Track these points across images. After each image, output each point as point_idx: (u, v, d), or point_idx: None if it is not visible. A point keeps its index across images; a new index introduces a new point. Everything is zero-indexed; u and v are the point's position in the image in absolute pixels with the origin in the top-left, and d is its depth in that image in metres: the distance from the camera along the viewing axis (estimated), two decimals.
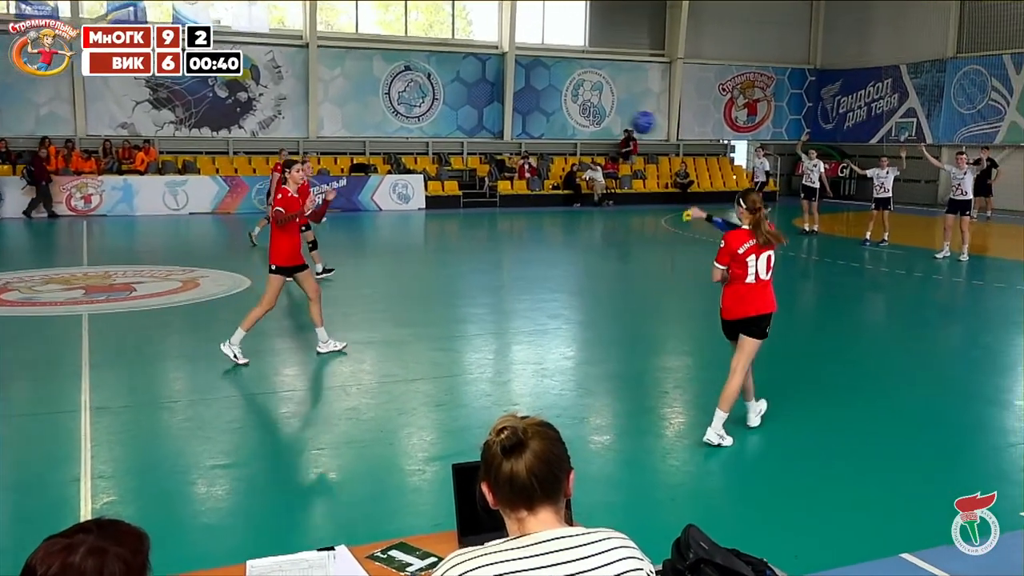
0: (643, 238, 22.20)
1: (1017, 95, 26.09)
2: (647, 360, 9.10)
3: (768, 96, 33.04)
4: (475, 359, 8.86)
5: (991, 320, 11.49)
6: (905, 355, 9.62)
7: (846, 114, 32.46)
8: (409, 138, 27.91)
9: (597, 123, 30.27)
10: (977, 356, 9.40)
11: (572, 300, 12.52)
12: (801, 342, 10.03)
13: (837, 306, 12.80)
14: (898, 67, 29.98)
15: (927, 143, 28.60)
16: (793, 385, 8.06)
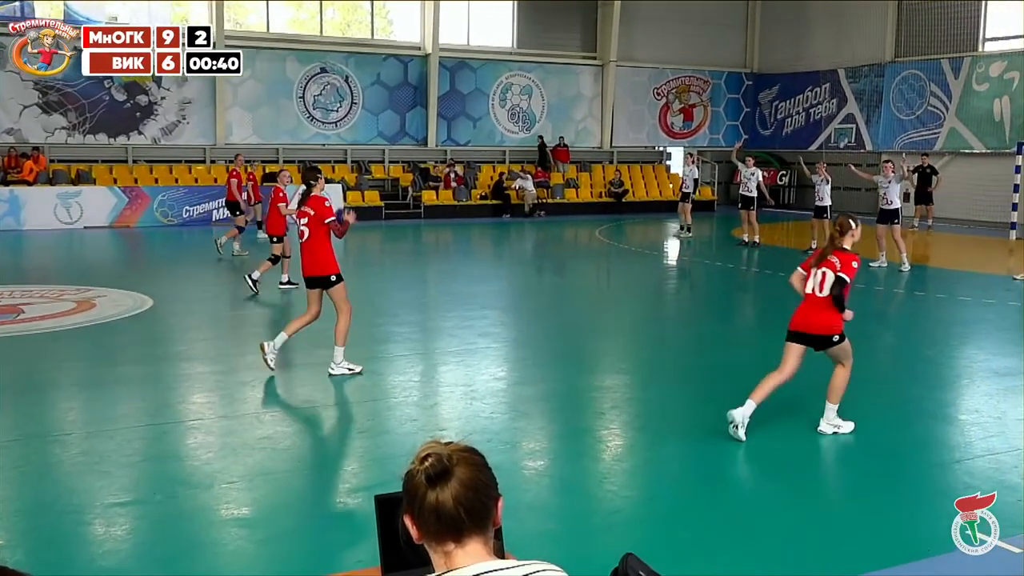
0: (577, 250, 22.39)
1: (956, 100, 27.09)
2: (583, 379, 9.16)
3: (704, 101, 33.71)
4: (399, 382, 8.81)
5: (933, 332, 11.87)
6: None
7: (784, 120, 33.30)
8: (326, 145, 27.71)
9: (527, 129, 30.50)
10: (920, 369, 9.69)
11: (503, 317, 12.55)
12: (738, 358, 10.22)
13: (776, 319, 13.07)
14: (836, 71, 30.89)
15: (866, 150, 29.58)
16: (732, 403, 8.21)
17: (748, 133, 34.53)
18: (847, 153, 28.87)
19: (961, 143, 26.99)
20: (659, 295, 15.22)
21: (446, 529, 1.93)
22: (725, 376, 9.19)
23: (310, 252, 8.56)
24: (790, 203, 31.70)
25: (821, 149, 31.07)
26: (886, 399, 8.51)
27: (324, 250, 8.54)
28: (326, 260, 8.55)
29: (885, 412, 8.05)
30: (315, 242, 8.52)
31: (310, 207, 8.54)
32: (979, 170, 25.78)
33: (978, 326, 12.12)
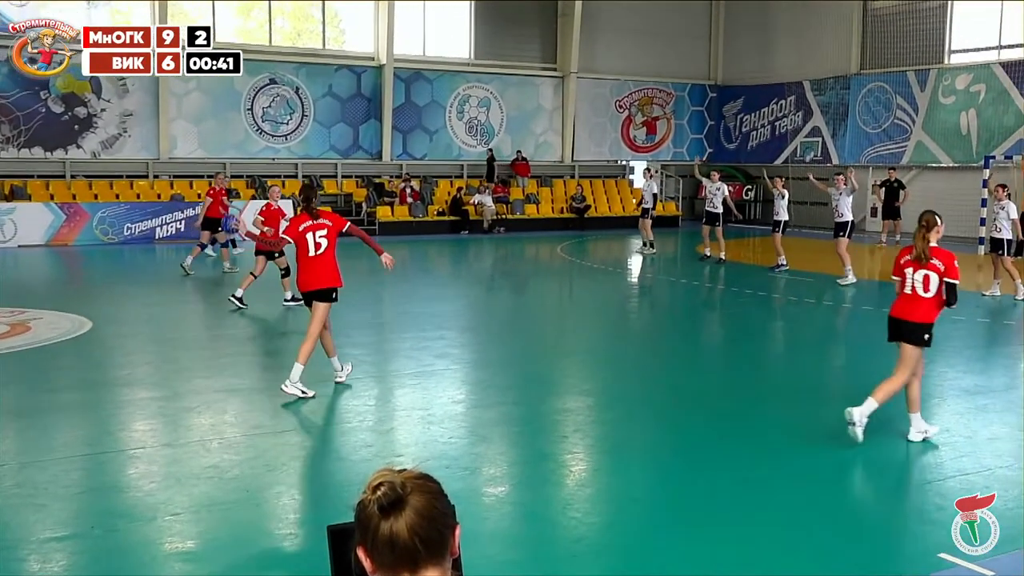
0: (538, 268, 22.45)
1: (923, 113, 27.63)
2: (545, 402, 9.16)
3: (668, 114, 34.05)
4: (353, 406, 8.75)
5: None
6: (815, 389, 9.97)
7: (749, 133, 33.72)
8: (276, 159, 27.58)
9: (485, 142, 30.58)
10: None
11: (462, 338, 12.53)
12: (702, 380, 10.28)
13: (739, 338, 13.20)
14: (802, 83, 31.37)
15: (833, 163, 30.02)
16: (696, 425, 8.25)
17: (712, 147, 34.95)
18: (813, 167, 29.25)
19: (928, 157, 27.50)
20: (622, 314, 15.28)
21: (401, 561, 1.92)
22: (689, 398, 9.25)
23: (322, 266, 8.89)
24: (756, 218, 32.03)
25: (787, 163, 31.50)
26: None
27: (335, 263, 8.98)
28: (336, 273, 8.98)
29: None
30: (329, 255, 8.93)
31: (326, 218, 8.95)
32: (946, 184, 26.26)
33: (947, 343, 12.30)
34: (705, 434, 7.95)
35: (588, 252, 24.67)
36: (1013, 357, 11.72)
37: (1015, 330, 13.46)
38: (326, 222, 8.94)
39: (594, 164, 32.91)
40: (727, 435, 7.91)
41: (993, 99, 25.72)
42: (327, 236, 8.92)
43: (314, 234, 8.91)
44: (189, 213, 24.08)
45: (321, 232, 8.91)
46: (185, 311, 14.22)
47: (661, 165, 32.29)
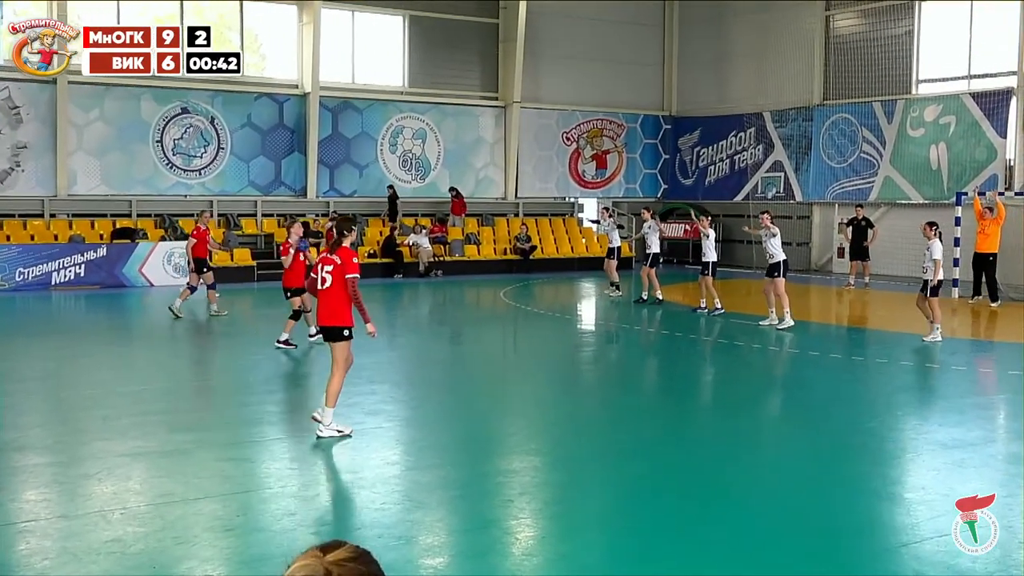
0: (479, 314, 22.46)
1: (890, 147, 28.34)
2: (487, 462, 9.13)
3: (619, 147, 34.51)
4: (275, 469, 8.64)
5: (874, 401, 12.22)
6: (778, 443, 10.08)
7: (707, 168, 34.28)
8: (188, 196, 27.36)
9: (421, 178, 30.68)
10: (861, 443, 9.96)
11: (395, 392, 12.46)
12: (654, 434, 10.34)
13: (692, 390, 13.32)
14: (762, 115, 32.04)
15: (796, 200, 30.63)
16: (650, 484, 8.28)
17: (668, 182, 35.46)
18: (775, 204, 29.83)
19: (897, 193, 28.17)
20: (572, 365, 15.34)
21: None
22: (643, 455, 9.29)
23: (327, 301, 9.49)
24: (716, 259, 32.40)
25: (748, 199, 32.03)
26: (828, 477, 8.70)
27: (342, 301, 9.43)
28: (343, 311, 9.47)
29: (827, 491, 8.23)
30: (336, 292, 9.42)
31: (338, 256, 9.47)
32: (916, 222, 26.83)
33: (922, 394, 12.55)
34: (660, 496, 7.97)
35: (534, 297, 24.76)
36: (988, 408, 11.98)
37: (981, 377, 13.75)
38: (335, 259, 9.45)
39: (540, 201, 33.16)
40: (684, 495, 7.95)
41: (964, 132, 26.47)
42: (331, 273, 9.43)
43: (322, 268, 9.53)
44: (90, 256, 23.76)
45: (327, 267, 9.46)
46: (85, 366, 13.94)
47: (612, 202, 32.63)
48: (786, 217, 29.25)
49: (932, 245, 16.13)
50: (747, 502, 7.95)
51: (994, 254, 21.97)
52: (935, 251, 16.07)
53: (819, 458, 9.39)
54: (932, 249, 16.10)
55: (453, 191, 30.30)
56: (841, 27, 30.21)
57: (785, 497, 8.10)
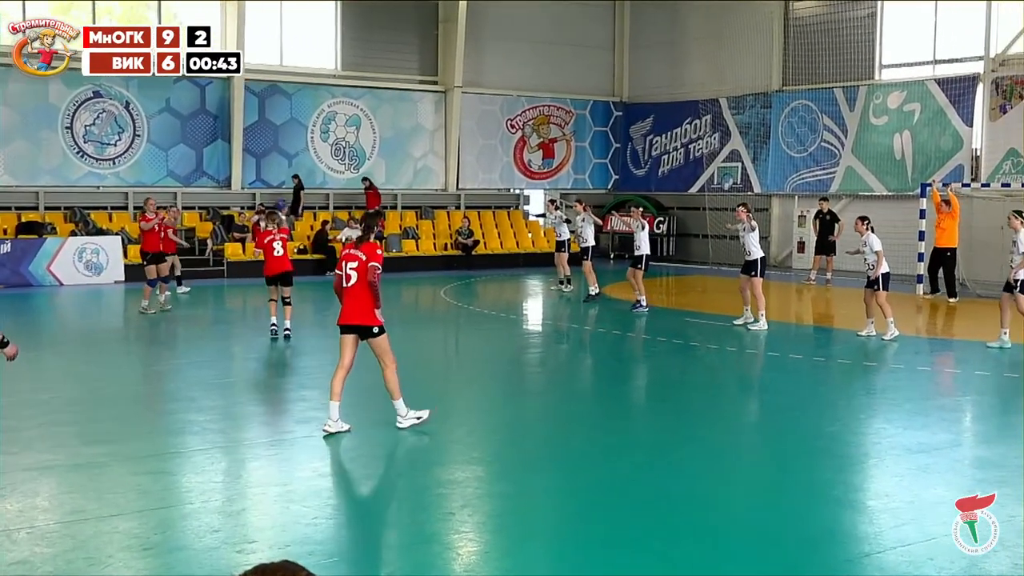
0: (418, 314, 22.41)
1: (852, 135, 28.75)
2: (427, 473, 9.12)
3: (567, 135, 34.63)
4: (197, 483, 8.56)
5: (835, 403, 12.40)
6: (729, 449, 10.19)
7: (660, 157, 34.52)
8: (101, 187, 27.02)
9: (355, 168, 30.55)
10: (823, 448, 10.10)
11: (326, 399, 12.38)
12: (607, 441, 10.40)
13: (648, 392, 13.41)
14: (718, 101, 32.32)
15: (754, 192, 30.95)
16: (600, 494, 8.33)
17: (619, 172, 35.66)
18: (732, 196, 30.11)
19: (859, 184, 28.58)
20: (517, 368, 15.37)
21: None
22: (594, 463, 9.33)
23: (354, 298, 9.78)
24: (670, 255, 32.70)
25: (703, 191, 32.32)
26: (788, 484, 8.81)
27: (368, 299, 9.76)
28: (370, 310, 9.83)
29: (787, 499, 8.33)
30: (361, 289, 9.74)
31: (363, 251, 9.79)
32: (880, 215, 27.15)
33: (886, 395, 12.75)
34: (613, 506, 8.02)
35: (476, 295, 24.76)
36: (953, 410, 12.21)
37: (947, 378, 14.02)
38: (359, 254, 9.80)
39: (483, 193, 33.18)
40: (638, 505, 8.00)
41: (929, 119, 26.93)
42: (356, 270, 9.78)
43: (346, 265, 9.87)
44: None
45: (351, 264, 9.81)
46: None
47: (560, 194, 32.73)
48: (726, 209, 29.47)
49: (868, 239, 16.53)
50: (703, 511, 8.02)
51: (952, 249, 22.40)
52: (874, 244, 16.43)
53: (779, 464, 9.50)
54: (870, 243, 16.46)
55: (366, 181, 30.02)
56: (801, 9, 30.57)
57: (743, 506, 8.18)
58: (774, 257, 30.91)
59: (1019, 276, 15.38)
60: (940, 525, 7.53)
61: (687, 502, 8.27)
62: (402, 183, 31.31)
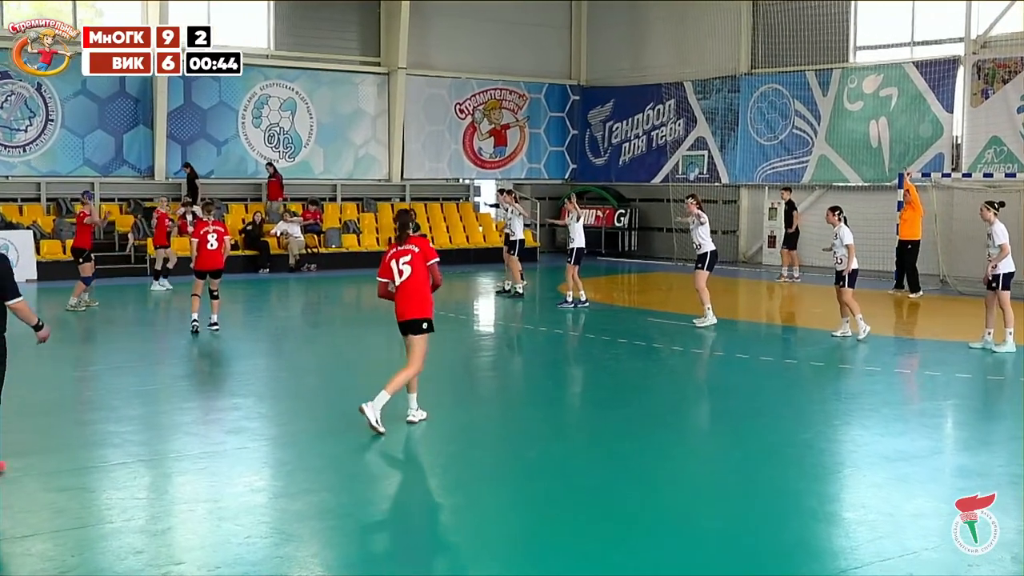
0: (360, 316, 22.33)
1: (826, 122, 29.01)
2: (369, 487, 9.10)
3: (520, 121, 34.68)
4: (117, 500, 8.48)
5: (809, 408, 12.51)
6: (695, 458, 10.25)
7: (621, 145, 34.66)
8: (10, 177, 26.72)
9: (290, 156, 30.40)
10: (796, 456, 10.18)
11: (261, 407, 12.33)
12: (561, 449, 10.43)
13: (605, 398, 13.46)
14: (682, 85, 32.51)
15: (722, 183, 31.15)
16: (556, 507, 8.35)
17: (577, 161, 35.77)
18: (698, 187, 30.29)
19: (833, 174, 28.84)
20: (468, 372, 15.35)
21: None
22: (548, 472, 9.35)
23: (410, 293, 10.38)
24: (631, 250, 32.85)
25: (667, 182, 32.48)
26: (759, 494, 8.86)
27: (425, 291, 10.44)
28: (427, 301, 10.57)
29: (758, 511, 8.39)
30: (417, 281, 10.40)
31: (414, 244, 10.46)
32: (855, 207, 27.39)
33: (861, 400, 12.87)
34: (571, 519, 8.04)
35: None
36: (934, 415, 12.35)
37: (926, 380, 14.18)
38: (412, 248, 10.48)
39: (430, 183, 33.15)
40: (598, 517, 8.02)
41: (907, 105, 27.22)
42: (411, 263, 10.38)
43: (397, 261, 10.44)
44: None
45: (404, 259, 10.41)
46: None
47: (514, 184, 32.78)
48: (710, 201, 29.62)
49: (840, 231, 16.72)
50: (667, 524, 8.06)
51: (914, 241, 22.86)
52: (845, 236, 16.62)
53: (749, 474, 9.56)
54: (841, 235, 16.65)
55: (270, 167, 29.47)
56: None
57: (711, 518, 8.23)
58: (743, 253, 31.15)
59: (998, 271, 15.55)
60: (921, 539, 7.63)
61: (650, 513, 8.30)
62: (342, 173, 31.18)
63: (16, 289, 8.85)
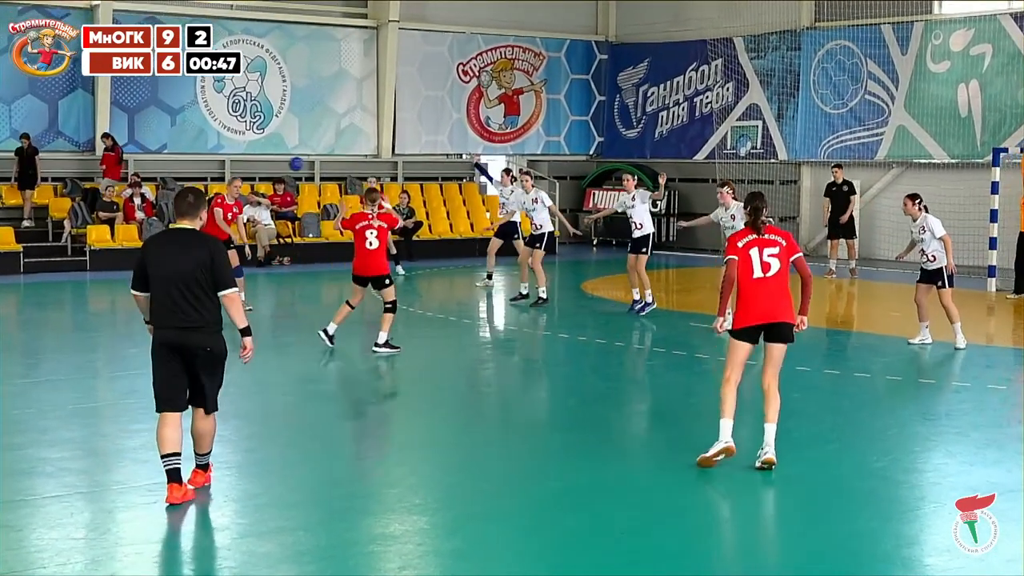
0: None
1: (905, 87, 28.89)
2: (356, 525, 9.09)
3: (536, 85, 34.62)
4: (50, 541, 8.49)
5: (884, 432, 12.47)
6: (747, 491, 10.24)
7: (658, 114, 34.57)
8: None
9: (258, 127, 30.40)
10: (869, 490, 10.14)
11: (224, 430, 12.25)
12: (580, 480, 10.42)
13: (637, 418, 13.45)
14: (731, 41, 32.41)
15: (779, 159, 31.03)
16: (583, 547, 8.35)
17: (604, 134, 35.69)
18: (751, 164, 30.23)
19: (914, 149, 28.74)
20: (472, 388, 15.34)
21: None
22: (566, 511, 9.33)
23: (775, 291, 10.64)
24: (671, 241, 32.69)
25: (712, 158, 32.38)
26: (824, 536, 8.84)
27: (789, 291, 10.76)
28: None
29: (824, 556, 8.36)
30: (783, 280, 10.68)
31: (779, 235, 10.81)
32: (941, 188, 27.31)
33: (946, 421, 12.84)
34: (590, 568, 8.03)
35: (419, 292, 24.71)
36: None
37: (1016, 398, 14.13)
38: (778, 239, 10.66)
39: (427, 160, 33.11)
40: (623, 568, 8.02)
41: (1003, 66, 27.12)
42: (778, 256, 10.58)
43: (760, 252, 10.57)
44: None
45: (771, 250, 10.56)
46: None
47: (528, 162, 32.74)
48: (766, 182, 29.60)
49: (927, 222, 16.63)
50: (713, 565, 8.04)
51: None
52: (936, 228, 16.42)
53: (813, 511, 9.53)
54: (931, 227, 16.44)
55: (108, 139, 28.09)
56: None
57: (768, 565, 8.20)
58: (805, 244, 31.04)
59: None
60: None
61: (690, 559, 8.28)
62: (321, 147, 31.18)
63: None
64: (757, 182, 21.95)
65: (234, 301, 9.32)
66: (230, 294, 9.25)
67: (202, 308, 9.18)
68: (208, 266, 9.08)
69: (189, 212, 9.28)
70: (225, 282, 9.20)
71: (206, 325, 9.26)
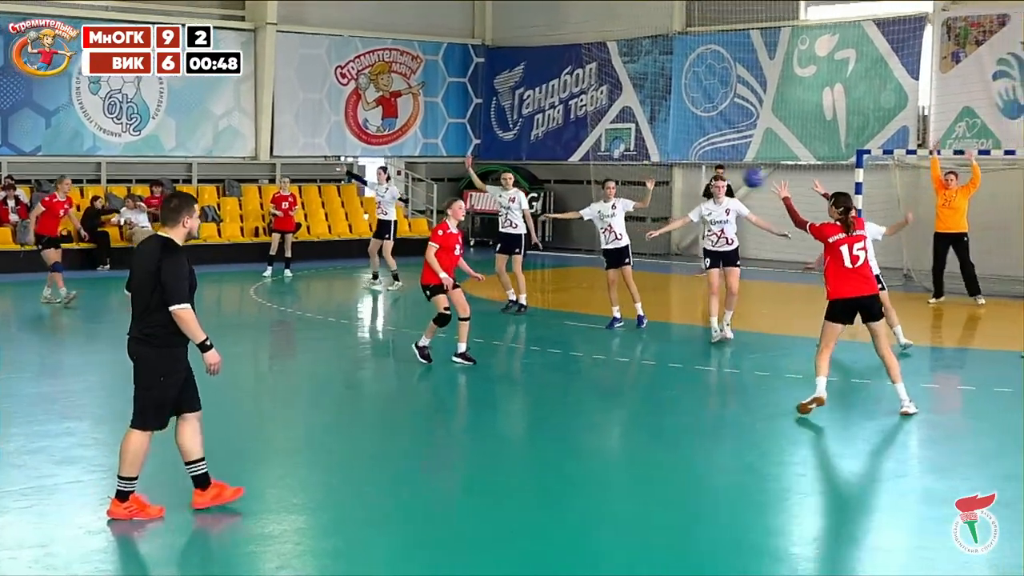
0: (220, 320, 22.12)
1: (773, 90, 29.35)
2: (234, 526, 9.02)
3: (414, 88, 34.60)
4: None
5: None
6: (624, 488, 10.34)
7: (533, 117, 34.72)
8: None
9: (135, 129, 30.00)
10: (737, 482, 10.31)
11: (98, 432, 12.19)
12: (464, 484, 10.46)
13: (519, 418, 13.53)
14: (605, 45, 32.67)
15: (652, 161, 31.34)
16: (455, 550, 8.38)
17: (482, 136, 35.75)
18: (625, 166, 30.49)
19: (781, 151, 29.23)
20: (352, 389, 15.32)
21: None
22: (450, 510, 9.36)
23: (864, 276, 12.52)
24: (546, 240, 32.76)
25: (587, 160, 32.59)
26: (695, 529, 8.95)
27: None
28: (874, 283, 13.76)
29: (700, 550, 8.47)
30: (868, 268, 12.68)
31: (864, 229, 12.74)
32: (807, 189, 27.73)
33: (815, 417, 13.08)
34: (473, 569, 8.06)
35: (297, 294, 24.60)
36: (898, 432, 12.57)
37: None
38: (863, 234, 12.54)
39: (305, 162, 32.95)
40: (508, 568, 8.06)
41: (866, 70, 27.66)
42: (864, 249, 12.48)
43: (851, 247, 12.29)
44: None
45: (859, 245, 12.35)
46: None
47: (406, 164, 32.72)
48: (636, 183, 29.72)
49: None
50: (585, 562, 8.12)
51: (965, 234, 21.78)
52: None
53: (685, 508, 9.64)
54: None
55: None
56: None
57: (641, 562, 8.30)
58: (676, 244, 31.45)
59: None
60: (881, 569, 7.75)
61: (575, 556, 8.34)
62: (198, 149, 30.85)
63: None
64: (630, 183, 22.05)
65: (182, 318, 8.99)
66: (176, 310, 8.94)
67: (148, 319, 9.06)
68: (155, 276, 8.88)
69: (168, 219, 9.08)
70: (169, 297, 8.89)
71: (142, 337, 9.16)
